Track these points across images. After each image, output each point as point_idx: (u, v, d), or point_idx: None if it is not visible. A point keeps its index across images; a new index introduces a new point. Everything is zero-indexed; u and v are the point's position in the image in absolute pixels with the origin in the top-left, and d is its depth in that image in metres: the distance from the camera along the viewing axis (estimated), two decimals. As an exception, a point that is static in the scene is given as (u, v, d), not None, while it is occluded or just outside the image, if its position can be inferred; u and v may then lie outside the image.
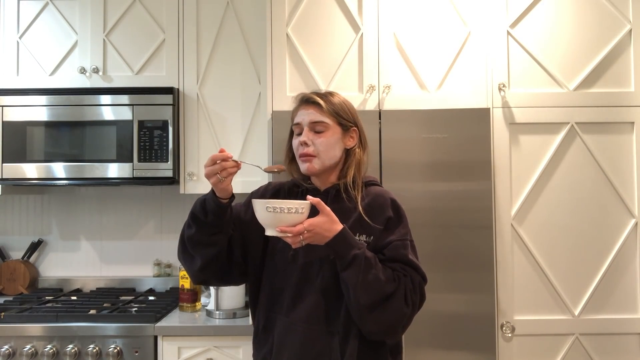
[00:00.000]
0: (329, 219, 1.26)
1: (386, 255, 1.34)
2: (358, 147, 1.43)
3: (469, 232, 1.93)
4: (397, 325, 1.31)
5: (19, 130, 2.33)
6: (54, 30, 2.45)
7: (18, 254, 2.69)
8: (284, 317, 1.36)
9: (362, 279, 1.25)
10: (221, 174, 1.27)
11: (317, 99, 1.40)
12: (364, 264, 1.26)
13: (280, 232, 1.22)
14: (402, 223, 1.39)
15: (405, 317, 1.30)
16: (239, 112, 2.40)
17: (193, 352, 2.03)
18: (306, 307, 1.34)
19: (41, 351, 1.99)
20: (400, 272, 1.32)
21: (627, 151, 2.04)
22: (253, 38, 2.40)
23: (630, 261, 2.02)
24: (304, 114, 1.40)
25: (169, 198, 2.69)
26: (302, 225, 1.22)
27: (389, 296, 1.28)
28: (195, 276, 1.43)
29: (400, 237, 1.36)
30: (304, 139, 1.38)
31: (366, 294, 1.26)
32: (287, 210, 1.21)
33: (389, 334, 1.34)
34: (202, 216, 1.33)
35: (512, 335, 1.99)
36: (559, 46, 2.06)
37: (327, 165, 1.39)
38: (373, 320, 1.28)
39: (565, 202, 2.03)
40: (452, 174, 1.94)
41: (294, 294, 1.36)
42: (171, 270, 2.67)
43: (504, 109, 2.04)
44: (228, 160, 1.28)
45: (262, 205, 1.22)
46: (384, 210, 1.38)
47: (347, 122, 1.41)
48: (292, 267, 1.37)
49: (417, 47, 2.06)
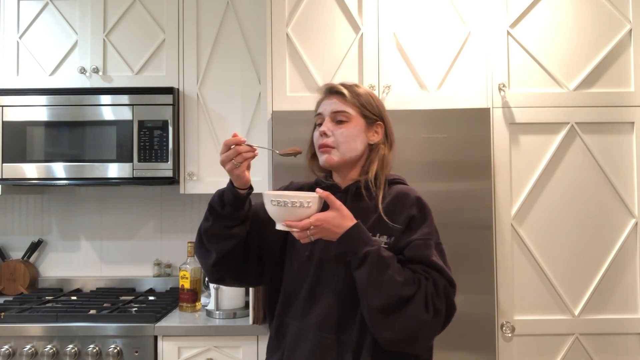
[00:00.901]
0: (339, 214, 1.19)
1: (406, 255, 1.24)
2: (383, 144, 1.35)
3: (469, 232, 1.93)
4: (415, 333, 1.18)
5: (19, 130, 2.33)
6: (54, 30, 2.45)
7: (18, 254, 2.69)
8: (297, 322, 1.30)
9: (375, 279, 1.16)
10: (236, 159, 1.22)
11: (341, 88, 1.34)
12: (377, 263, 1.17)
13: (286, 226, 1.18)
14: (425, 222, 1.28)
15: (426, 325, 1.17)
16: (239, 112, 2.40)
17: (193, 352, 2.03)
18: (319, 312, 1.26)
19: (41, 351, 1.99)
20: (421, 275, 1.21)
21: (627, 151, 2.04)
22: (253, 38, 2.40)
23: (630, 261, 2.02)
24: (326, 104, 1.35)
25: (169, 198, 2.69)
26: (309, 220, 1.16)
27: (407, 300, 1.17)
28: (210, 272, 1.37)
29: (423, 237, 1.25)
30: (323, 128, 1.32)
31: (379, 296, 1.16)
32: (292, 204, 1.16)
33: (406, 344, 1.21)
34: (219, 208, 1.29)
35: (512, 335, 1.99)
36: (559, 46, 2.06)
37: (347, 158, 1.32)
38: (387, 327, 1.17)
39: (565, 202, 2.03)
40: (452, 174, 1.94)
41: (307, 298, 1.29)
42: (171, 270, 2.67)
43: (504, 109, 2.04)
44: (242, 144, 1.23)
45: (268, 198, 1.19)
46: (407, 209, 1.28)
47: (371, 114, 1.34)
48: (306, 269, 1.31)
49: (417, 47, 2.06)
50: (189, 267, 2.28)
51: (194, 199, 2.66)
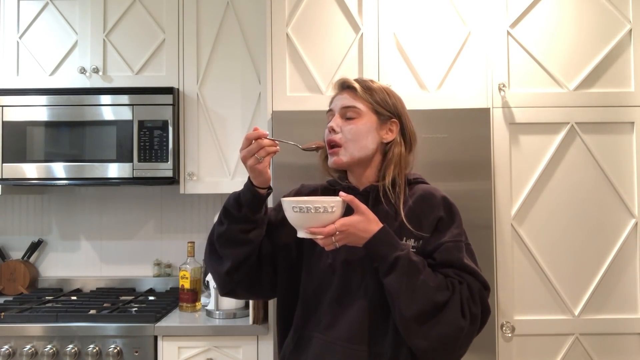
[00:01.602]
0: (364, 218, 1.12)
1: (437, 259, 1.17)
2: (399, 142, 1.26)
3: (469, 232, 1.91)
4: (452, 341, 1.12)
5: (19, 130, 2.33)
6: (54, 30, 2.45)
7: (18, 254, 2.69)
8: (321, 335, 1.21)
9: (407, 286, 1.10)
10: (259, 154, 1.14)
11: (353, 83, 1.26)
12: (407, 268, 1.11)
13: (309, 233, 1.11)
14: (454, 223, 1.22)
15: (463, 331, 1.12)
16: (239, 112, 2.40)
17: (193, 352, 2.03)
18: (348, 323, 1.18)
19: (41, 351, 1.99)
20: (454, 279, 1.15)
21: (627, 151, 2.04)
22: (253, 38, 2.40)
23: (630, 261, 2.02)
24: (337, 99, 1.28)
25: (169, 198, 2.69)
26: (334, 226, 1.09)
27: (442, 306, 1.11)
28: (223, 281, 1.26)
29: (453, 239, 1.19)
30: (332, 124, 1.25)
31: (412, 303, 1.09)
32: (315, 210, 1.09)
33: (444, 352, 1.15)
34: (235, 210, 1.20)
35: (512, 335, 1.99)
36: (559, 46, 2.06)
37: (356, 157, 1.24)
38: (422, 335, 1.10)
39: (565, 202, 2.03)
40: (452, 174, 1.94)
41: (333, 309, 1.21)
42: (171, 270, 2.67)
43: (504, 109, 2.04)
44: (264, 138, 1.14)
45: (289, 204, 1.12)
46: (434, 210, 1.21)
47: (385, 111, 1.26)
48: (329, 278, 1.23)
49: (417, 47, 2.06)
50: (189, 267, 2.28)
51: (194, 199, 2.66)
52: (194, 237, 2.58)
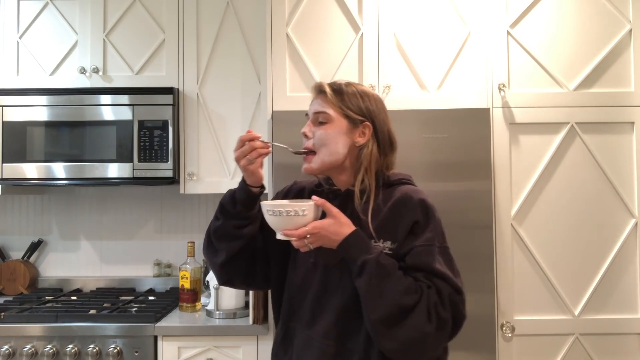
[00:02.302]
0: (336, 221, 1.16)
1: (407, 262, 1.18)
2: (372, 145, 1.26)
3: (469, 232, 1.93)
4: (419, 345, 1.13)
5: (19, 130, 2.33)
6: (54, 30, 2.45)
7: (18, 254, 2.69)
8: (304, 329, 1.27)
9: (375, 288, 1.12)
10: (251, 155, 1.21)
11: (325, 87, 1.28)
12: (376, 271, 1.13)
13: (284, 235, 1.17)
14: (429, 227, 1.21)
15: (430, 336, 1.12)
16: (239, 112, 2.40)
17: (193, 352, 2.03)
18: (325, 321, 1.23)
19: (41, 351, 1.99)
20: (423, 283, 1.16)
21: (627, 151, 2.04)
22: (253, 38, 2.40)
23: (630, 261, 2.02)
24: (312, 104, 1.31)
25: (169, 198, 2.69)
26: (305, 229, 1.14)
27: (408, 310, 1.12)
28: (219, 272, 1.34)
29: (425, 242, 1.19)
30: (304, 130, 1.29)
31: (379, 306, 1.12)
32: (286, 213, 1.14)
33: (411, 355, 1.17)
34: (230, 207, 1.27)
35: (512, 335, 1.99)
36: (559, 46, 2.06)
37: (327, 162, 1.25)
38: (389, 337, 1.13)
39: (565, 202, 2.03)
40: (452, 174, 1.94)
41: (313, 306, 1.26)
42: (171, 270, 2.67)
43: (504, 109, 2.04)
44: (257, 140, 1.21)
45: (264, 208, 1.19)
46: (410, 213, 1.22)
47: (354, 114, 1.26)
48: (311, 276, 1.28)
49: (417, 47, 2.06)
50: (189, 267, 2.28)
51: (194, 199, 2.66)
52: (194, 237, 2.58)
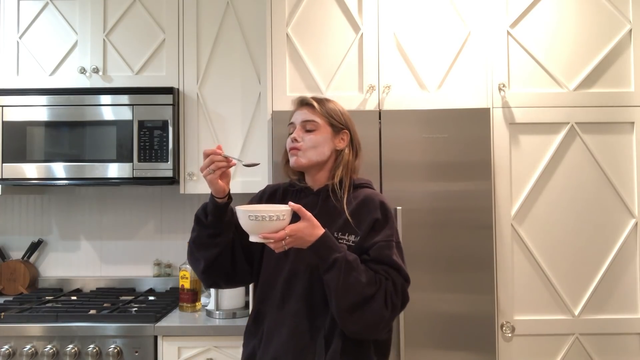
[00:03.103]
0: (310, 224, 1.30)
1: (371, 255, 1.37)
2: (349, 150, 1.49)
3: (469, 232, 1.93)
4: (376, 326, 1.34)
5: (19, 130, 2.33)
6: (54, 30, 2.45)
7: (18, 254, 2.69)
8: (275, 310, 1.42)
9: (343, 282, 1.29)
10: (210, 167, 1.34)
11: (311, 100, 1.49)
12: (344, 267, 1.29)
13: (262, 238, 1.25)
14: (388, 224, 1.42)
15: (385, 319, 1.34)
16: (239, 112, 2.40)
17: (193, 352, 2.03)
18: (295, 302, 1.40)
19: (41, 351, 1.99)
20: (382, 275, 1.35)
21: (627, 151, 2.04)
22: (253, 38, 2.40)
23: (630, 261, 2.02)
24: (298, 114, 1.50)
25: (169, 198, 2.69)
26: (284, 232, 1.26)
27: (369, 298, 1.31)
28: (202, 279, 1.50)
29: (385, 238, 1.39)
30: (294, 135, 1.47)
31: (346, 297, 1.29)
32: (269, 218, 1.23)
33: (368, 334, 1.37)
34: (203, 218, 1.41)
35: (512, 335, 1.99)
36: (559, 46, 2.06)
37: (313, 160, 1.46)
38: (352, 321, 1.32)
39: (565, 202, 2.03)
40: (452, 174, 1.94)
41: (284, 290, 1.42)
42: (171, 270, 2.67)
43: (504, 109, 2.04)
44: (217, 154, 1.35)
45: (245, 213, 1.25)
46: (372, 212, 1.41)
47: (338, 123, 1.49)
48: (283, 264, 1.44)
49: (417, 47, 2.06)
50: (189, 267, 2.27)
51: (194, 199, 2.66)
52: (194, 237, 2.59)
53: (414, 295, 1.89)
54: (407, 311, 1.88)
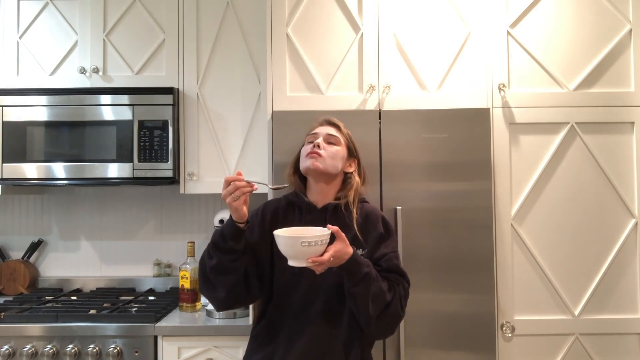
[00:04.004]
0: (345, 244, 1.40)
1: (382, 266, 1.53)
2: (357, 175, 1.63)
3: (469, 232, 1.93)
4: (395, 326, 1.54)
5: (19, 130, 2.33)
6: (54, 30, 2.45)
7: (18, 254, 2.69)
8: (291, 321, 1.52)
9: (372, 293, 1.43)
10: (235, 194, 1.39)
11: (338, 122, 1.65)
12: (372, 280, 1.43)
13: (310, 262, 1.31)
14: (391, 237, 1.60)
15: (400, 319, 1.53)
16: (239, 112, 2.40)
17: (193, 352, 2.03)
18: (313, 312, 1.51)
19: (41, 351, 1.99)
20: (394, 282, 1.52)
21: (627, 151, 2.04)
22: (253, 38, 2.40)
23: (630, 261, 2.02)
24: (323, 129, 1.62)
25: (169, 198, 2.69)
26: (329, 254, 1.34)
27: (389, 304, 1.47)
28: (220, 304, 1.55)
29: (393, 250, 1.57)
30: (319, 142, 1.57)
31: (375, 305, 1.43)
32: (319, 243, 1.31)
33: (388, 334, 1.58)
34: (222, 244, 1.45)
35: (512, 335, 1.99)
36: (559, 46, 2.06)
37: (328, 170, 1.56)
38: (378, 326, 1.47)
39: (565, 202, 2.03)
40: (452, 174, 1.94)
41: (302, 301, 1.52)
42: (171, 270, 2.67)
43: (504, 109, 2.04)
44: (240, 180, 1.41)
45: (295, 240, 1.30)
46: (377, 227, 1.58)
47: (353, 149, 1.65)
48: (299, 277, 1.52)
49: (417, 47, 2.06)
50: (189, 267, 2.28)
51: (194, 199, 2.66)
52: (194, 237, 2.59)
53: (414, 295, 1.89)
54: (407, 311, 1.88)
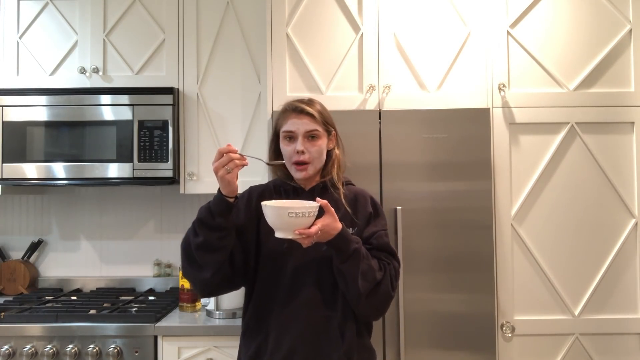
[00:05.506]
0: (334, 219, 1.35)
1: (373, 244, 1.48)
2: (337, 148, 1.57)
3: (469, 232, 1.93)
4: (385, 307, 1.47)
5: (19, 130, 2.33)
6: (54, 30, 2.45)
7: (18, 254, 2.69)
8: (281, 307, 1.45)
9: (361, 270, 1.38)
10: (228, 165, 1.33)
11: (310, 109, 1.50)
12: (362, 257, 1.39)
13: (298, 234, 1.28)
14: (380, 216, 1.55)
15: (391, 299, 1.46)
16: (239, 112, 2.40)
17: (193, 352, 2.03)
18: (306, 293, 1.44)
19: (41, 351, 1.99)
20: (384, 261, 1.47)
21: (627, 151, 2.04)
22: (253, 38, 2.40)
23: (630, 261, 2.02)
24: (298, 124, 1.49)
25: (169, 198, 2.69)
26: (317, 227, 1.30)
27: (380, 282, 1.41)
28: (204, 285, 1.46)
29: (382, 228, 1.52)
30: (301, 147, 1.48)
31: (364, 283, 1.38)
32: (306, 214, 1.27)
33: (377, 316, 1.51)
34: (209, 220, 1.38)
35: (512, 335, 1.99)
36: (559, 46, 2.06)
37: (318, 168, 1.53)
38: (367, 305, 1.41)
39: (565, 202, 2.03)
40: (452, 174, 1.94)
41: (291, 284, 1.45)
42: (171, 270, 2.67)
43: (504, 109, 2.04)
44: (234, 152, 1.34)
45: (282, 210, 1.27)
46: (366, 207, 1.53)
47: (330, 126, 1.55)
48: (286, 260, 1.46)
49: (417, 47, 2.06)
50: (189, 267, 2.27)
51: (194, 199, 2.66)
52: (194, 237, 2.59)
53: (413, 295, 1.90)
54: (407, 311, 1.89)
